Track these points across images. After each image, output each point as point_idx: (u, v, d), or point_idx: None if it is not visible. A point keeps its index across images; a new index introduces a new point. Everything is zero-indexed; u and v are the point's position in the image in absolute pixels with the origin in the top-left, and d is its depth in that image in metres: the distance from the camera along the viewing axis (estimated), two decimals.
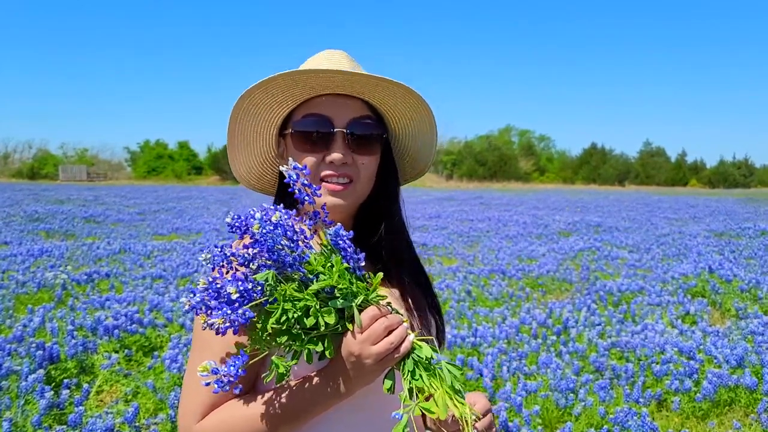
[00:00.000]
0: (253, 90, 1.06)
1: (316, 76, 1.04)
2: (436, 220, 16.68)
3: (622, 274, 8.23)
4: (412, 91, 1.09)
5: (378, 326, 0.90)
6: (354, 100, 1.11)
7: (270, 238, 0.86)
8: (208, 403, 1.02)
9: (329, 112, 1.09)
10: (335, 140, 1.08)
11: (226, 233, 12.55)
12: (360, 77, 1.05)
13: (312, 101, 1.10)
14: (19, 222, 14.11)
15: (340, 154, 1.07)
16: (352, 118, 1.09)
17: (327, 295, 0.90)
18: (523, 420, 3.61)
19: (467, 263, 9.32)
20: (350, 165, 1.09)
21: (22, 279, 6.96)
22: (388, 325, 0.91)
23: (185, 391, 1.05)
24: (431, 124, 1.17)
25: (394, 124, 1.18)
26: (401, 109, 1.14)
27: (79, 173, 52.46)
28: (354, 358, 0.91)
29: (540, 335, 5.28)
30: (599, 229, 14.58)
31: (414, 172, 1.31)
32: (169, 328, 5.29)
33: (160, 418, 3.53)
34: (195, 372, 1.02)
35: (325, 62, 1.12)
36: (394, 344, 0.91)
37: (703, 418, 3.93)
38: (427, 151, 1.25)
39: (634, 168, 65.27)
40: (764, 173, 64.88)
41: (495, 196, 32.03)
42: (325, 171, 1.09)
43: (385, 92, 1.09)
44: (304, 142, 1.09)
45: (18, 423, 3.34)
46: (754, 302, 6.54)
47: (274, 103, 1.10)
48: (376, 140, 1.13)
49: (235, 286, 0.84)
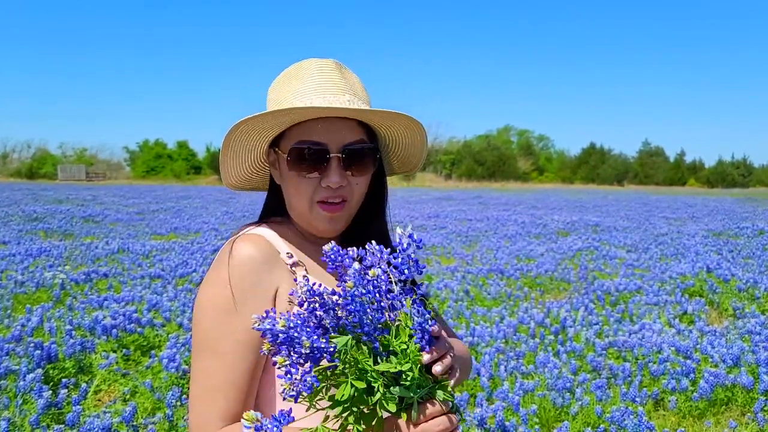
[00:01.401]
0: (246, 120, 1.06)
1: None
2: (435, 219, 16.69)
3: (620, 274, 8.24)
4: (411, 119, 1.10)
5: (434, 426, 0.88)
6: (347, 120, 1.10)
7: (360, 302, 0.80)
8: (224, 413, 0.99)
9: (324, 138, 1.08)
10: (331, 165, 1.08)
11: (224, 233, 12.55)
12: (360, 114, 1.06)
13: (306, 123, 1.09)
14: (18, 222, 14.11)
15: (336, 178, 1.08)
16: (347, 142, 1.09)
17: (391, 376, 0.85)
18: (521, 419, 3.62)
19: (466, 263, 9.33)
20: (345, 187, 1.10)
21: (20, 279, 6.96)
22: (443, 429, 0.88)
23: (196, 400, 1.01)
24: (422, 139, 1.18)
25: (385, 133, 1.19)
26: (395, 128, 1.15)
27: (78, 173, 52.41)
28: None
29: (538, 335, 5.29)
30: (598, 229, 14.60)
31: (403, 170, 1.31)
32: (167, 327, 5.30)
33: (158, 418, 3.53)
34: (203, 377, 1.00)
35: (317, 76, 1.11)
36: None
37: (699, 417, 3.94)
38: (417, 155, 1.25)
39: (633, 168, 65.32)
40: (763, 173, 64.93)
41: (494, 195, 32.05)
42: (321, 195, 1.09)
43: (380, 118, 1.10)
44: (299, 166, 1.09)
45: (16, 422, 3.34)
46: (751, 302, 6.56)
47: (269, 127, 1.09)
48: (370, 161, 1.14)
49: (310, 340, 0.78)
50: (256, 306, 0.99)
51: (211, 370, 1.01)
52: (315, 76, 1.11)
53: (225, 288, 1.02)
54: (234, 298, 1.02)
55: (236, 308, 1.01)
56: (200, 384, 1.01)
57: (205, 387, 1.01)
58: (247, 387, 1.03)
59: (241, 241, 1.08)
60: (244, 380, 1.02)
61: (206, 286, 1.06)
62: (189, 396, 1.05)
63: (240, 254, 1.05)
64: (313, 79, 1.10)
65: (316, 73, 1.11)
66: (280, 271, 1.07)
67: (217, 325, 1.02)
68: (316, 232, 1.14)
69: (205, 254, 9.34)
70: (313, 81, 1.10)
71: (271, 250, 1.08)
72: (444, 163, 61.03)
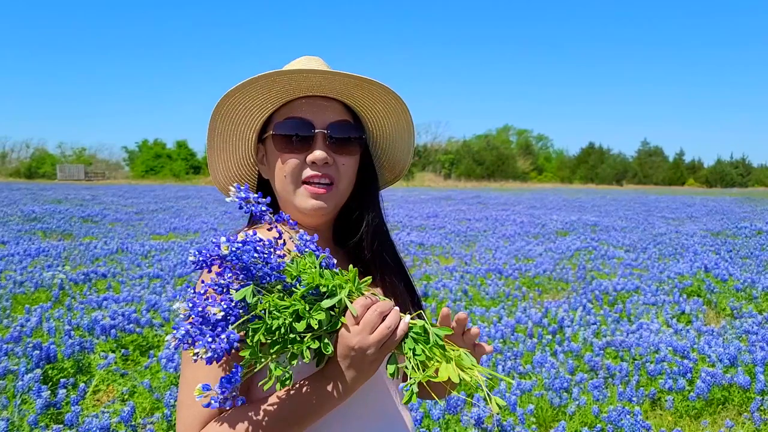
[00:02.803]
0: (232, 92, 1.08)
1: (294, 77, 1.06)
2: (434, 219, 16.70)
3: (618, 274, 8.26)
4: (389, 90, 1.11)
5: (372, 314, 0.89)
6: (332, 102, 1.13)
7: (238, 255, 0.86)
8: (206, 414, 1.00)
9: (309, 114, 1.11)
10: (316, 141, 1.10)
11: (223, 233, 12.54)
12: (337, 76, 1.07)
13: (291, 104, 1.12)
14: (17, 221, 14.11)
15: (321, 153, 1.09)
16: (332, 120, 1.12)
17: (314, 297, 0.89)
18: (518, 419, 3.63)
19: (464, 263, 9.34)
20: (331, 166, 1.11)
21: (19, 279, 6.96)
22: (381, 311, 0.90)
23: (181, 405, 1.02)
24: (408, 122, 1.19)
25: (372, 126, 1.20)
26: (379, 109, 1.16)
27: (77, 173, 52.39)
28: (354, 352, 0.90)
29: (535, 334, 5.30)
30: (596, 229, 14.61)
31: (392, 176, 1.32)
32: (166, 327, 5.31)
33: (156, 418, 3.54)
34: (189, 385, 1.00)
35: (304, 61, 1.15)
36: (391, 328, 0.90)
37: (696, 416, 3.95)
38: (404, 154, 1.27)
39: (632, 167, 65.42)
40: (761, 173, 65.05)
41: (492, 195, 32.06)
42: (307, 173, 1.11)
43: (362, 92, 1.12)
44: (285, 145, 1.11)
45: (15, 422, 3.35)
46: (749, 301, 6.58)
47: (253, 106, 1.11)
48: (355, 142, 1.15)
49: (219, 306, 0.84)
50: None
51: (192, 377, 1.01)
52: (302, 62, 1.16)
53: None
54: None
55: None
56: (184, 389, 1.01)
57: (187, 392, 1.00)
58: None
59: None
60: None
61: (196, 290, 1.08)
62: (176, 402, 1.07)
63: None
64: (298, 62, 1.16)
65: (302, 61, 1.16)
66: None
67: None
68: (304, 217, 1.14)
69: None
70: (298, 64, 1.15)
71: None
72: (443, 163, 61.03)
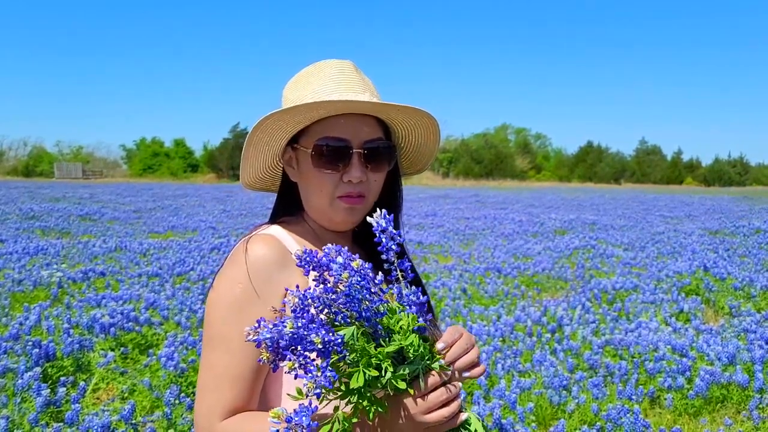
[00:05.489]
0: (277, 114, 1.09)
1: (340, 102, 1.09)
2: (432, 218, 16.70)
3: (617, 272, 8.27)
4: (428, 114, 1.15)
5: (437, 398, 0.93)
6: (367, 118, 1.15)
7: (357, 289, 0.83)
8: (230, 404, 1.04)
9: (346, 134, 1.13)
10: (352, 161, 1.13)
11: (222, 232, 12.56)
12: (386, 107, 1.11)
13: (328, 120, 1.13)
14: (15, 220, 14.08)
15: (358, 173, 1.12)
16: (367, 138, 1.14)
17: (396, 356, 0.88)
18: (517, 417, 3.64)
19: (463, 261, 9.35)
20: (364, 182, 1.15)
21: (17, 277, 6.95)
22: (446, 398, 0.94)
23: (204, 389, 1.06)
24: (436, 134, 1.23)
25: (400, 134, 1.24)
26: (411, 123, 1.20)
27: (75, 171, 52.25)
28: (408, 422, 0.93)
29: (535, 333, 5.31)
30: (595, 227, 14.63)
31: (410, 172, 1.36)
32: (165, 326, 5.30)
33: (157, 416, 3.54)
34: (213, 369, 1.05)
35: (337, 75, 1.15)
36: (446, 418, 0.94)
37: (695, 415, 3.96)
38: (427, 158, 1.31)
39: (630, 166, 65.40)
40: (759, 171, 65.10)
41: (491, 194, 32.06)
42: (342, 190, 1.14)
43: (399, 113, 1.16)
44: (322, 163, 1.13)
45: (15, 420, 3.35)
46: (747, 300, 6.59)
47: (295, 122, 1.13)
48: (387, 158, 1.19)
49: (320, 336, 0.80)
50: (266, 304, 1.03)
51: (221, 363, 1.06)
52: (335, 76, 1.16)
53: (237, 286, 1.07)
54: (245, 296, 1.06)
55: (247, 306, 1.06)
56: (209, 374, 1.06)
57: (213, 378, 1.06)
58: (253, 382, 1.08)
59: (253, 241, 1.12)
60: (251, 375, 1.07)
61: (219, 283, 1.11)
62: (197, 385, 1.09)
63: (251, 254, 1.09)
64: (333, 78, 1.15)
65: (336, 72, 1.16)
66: (291, 270, 1.09)
67: (228, 321, 1.07)
68: (334, 225, 1.19)
69: (202, 252, 9.34)
70: (333, 80, 1.15)
71: (282, 250, 1.12)
72: (441, 162, 61.01)
